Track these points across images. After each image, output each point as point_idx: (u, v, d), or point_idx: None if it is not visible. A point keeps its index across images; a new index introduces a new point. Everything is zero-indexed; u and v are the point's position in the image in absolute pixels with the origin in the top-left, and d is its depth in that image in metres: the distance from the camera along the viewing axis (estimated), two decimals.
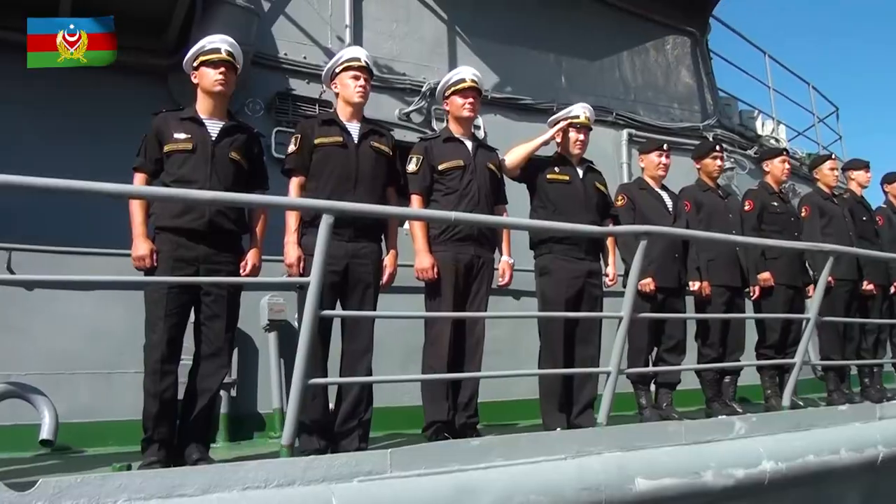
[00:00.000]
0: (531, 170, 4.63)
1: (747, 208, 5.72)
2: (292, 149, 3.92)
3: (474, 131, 4.77)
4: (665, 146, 5.26)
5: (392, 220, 4.03)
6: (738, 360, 5.41)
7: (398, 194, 4.17)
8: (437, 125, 6.53)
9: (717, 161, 5.58)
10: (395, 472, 3.14)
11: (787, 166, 5.97)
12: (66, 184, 2.68)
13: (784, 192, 6.09)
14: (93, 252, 4.76)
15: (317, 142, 3.87)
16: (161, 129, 3.61)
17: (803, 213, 6.11)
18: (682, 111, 8.58)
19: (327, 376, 3.78)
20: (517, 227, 4.43)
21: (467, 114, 4.34)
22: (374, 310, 3.90)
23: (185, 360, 3.65)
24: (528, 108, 7.16)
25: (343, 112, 4.02)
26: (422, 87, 6.59)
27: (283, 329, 5.11)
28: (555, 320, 4.45)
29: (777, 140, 9.48)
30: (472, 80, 4.35)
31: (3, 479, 2.50)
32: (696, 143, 7.89)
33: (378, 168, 3.97)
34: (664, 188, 5.27)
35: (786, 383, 5.79)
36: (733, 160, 8.38)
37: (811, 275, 5.83)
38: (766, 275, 5.53)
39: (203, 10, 5.42)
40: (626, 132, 7.81)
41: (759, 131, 9.50)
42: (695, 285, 5.15)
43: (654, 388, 5.17)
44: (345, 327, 3.83)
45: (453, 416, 4.07)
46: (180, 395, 3.53)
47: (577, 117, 4.73)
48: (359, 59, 4.05)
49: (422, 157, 4.22)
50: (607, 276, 4.75)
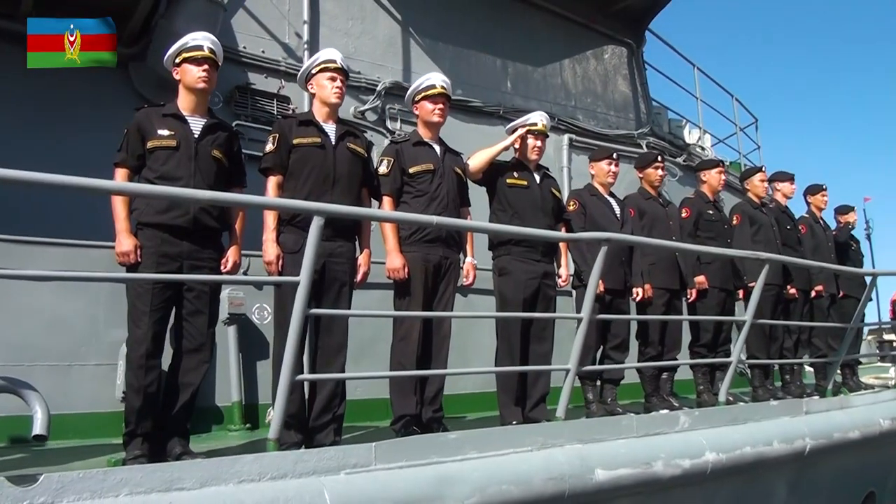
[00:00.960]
0: (491, 174, 4.81)
1: (684, 215, 6.08)
2: (270, 148, 3.96)
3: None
4: (614, 155, 5.54)
5: (366, 220, 4.15)
6: (676, 358, 5.77)
7: (370, 195, 4.30)
8: (390, 124, 6.68)
9: (659, 171, 5.91)
10: (380, 464, 3.28)
11: (722, 177, 6.37)
12: (54, 178, 2.70)
13: (718, 201, 6.50)
14: (57, 242, 4.70)
15: (295, 142, 3.94)
16: (143, 124, 3.61)
17: (735, 221, 6.52)
18: (617, 118, 8.97)
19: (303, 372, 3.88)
20: (497, 231, 4.57)
21: (437, 119, 4.48)
22: (349, 307, 4.02)
23: None
24: (476, 111, 7.37)
25: (319, 113, 4.10)
26: (377, 86, 6.71)
27: (241, 322, 5.16)
28: (513, 319, 4.68)
29: (703, 148, 10.02)
30: (442, 87, 4.49)
31: None
32: (630, 149, 8.31)
33: (354, 169, 4.07)
34: (612, 195, 5.55)
35: (717, 379, 6.28)
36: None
37: (743, 279, 6.28)
38: (701, 278, 5.91)
39: (168, 2, 5.37)
40: (566, 137, 8.11)
41: (687, 140, 10.00)
42: (638, 291, 5.46)
43: (598, 383, 5.48)
44: (320, 324, 3.94)
45: (420, 409, 4.24)
46: None
47: (535, 125, 4.93)
48: (335, 61, 4.14)
49: (392, 159, 4.34)
50: (560, 277, 5.01)
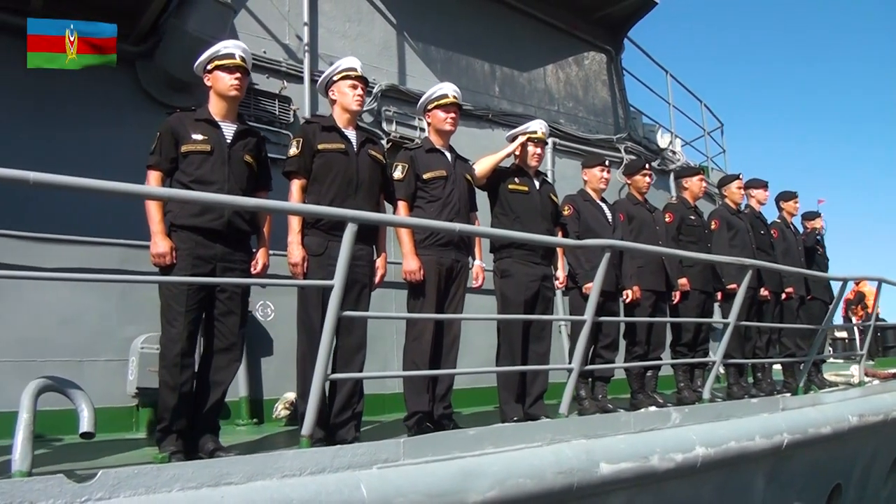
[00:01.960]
0: (494, 180, 5.00)
1: (668, 220, 6.34)
2: (294, 151, 4.07)
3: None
4: (606, 162, 5.77)
5: (395, 227, 4.30)
6: (660, 357, 6.05)
7: (385, 199, 4.44)
8: (386, 126, 6.80)
9: (647, 178, 6.16)
10: (407, 459, 3.44)
11: (703, 184, 6.66)
12: (93, 183, 2.81)
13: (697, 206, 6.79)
14: (69, 240, 4.75)
15: (320, 147, 4.06)
16: (177, 129, 3.70)
17: (713, 226, 6.81)
18: (597, 123, 9.21)
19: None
20: (516, 239, 4.66)
21: (448, 127, 4.65)
22: (368, 308, 4.17)
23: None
24: (466, 114, 7.53)
25: (340, 119, 4.23)
26: (373, 88, 6.82)
27: (249, 320, 5.25)
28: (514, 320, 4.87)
29: (674, 152, 10.35)
30: (454, 97, 4.66)
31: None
32: (610, 154, 8.57)
33: (374, 174, 4.21)
34: (603, 200, 5.79)
35: (695, 377, 6.59)
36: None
37: (721, 281, 6.59)
38: (683, 280, 6.18)
39: (178, 3, 5.43)
40: (550, 141, 8.33)
41: (659, 143, 10.31)
42: (627, 293, 5.69)
43: (590, 380, 5.72)
44: (340, 324, 4.07)
45: (432, 406, 4.41)
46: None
47: (535, 133, 5.13)
48: (355, 69, 4.28)
49: (407, 165, 4.48)
50: (557, 279, 5.21)
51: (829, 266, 8.61)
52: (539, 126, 5.15)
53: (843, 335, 14.54)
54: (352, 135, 4.20)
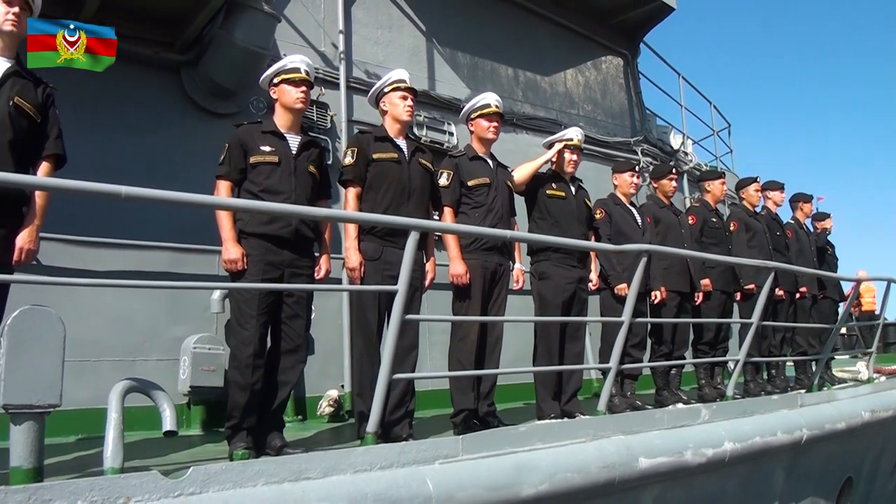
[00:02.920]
0: (532, 185, 5.15)
1: (691, 222, 6.50)
2: (349, 161, 4.20)
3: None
4: (637, 167, 5.93)
5: (443, 233, 4.45)
6: (684, 356, 6.22)
7: (433, 206, 4.59)
8: (417, 130, 6.94)
9: (673, 182, 6.32)
10: (466, 455, 3.60)
11: (725, 187, 6.83)
12: (181, 196, 2.95)
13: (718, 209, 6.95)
14: (122, 244, 4.89)
15: (374, 156, 4.20)
16: (245, 140, 3.84)
17: (732, 228, 6.98)
18: (614, 126, 9.38)
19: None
20: (567, 245, 4.87)
21: (491, 136, 4.80)
22: (420, 310, 4.32)
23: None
24: None
25: (391, 129, 4.36)
26: None
27: None
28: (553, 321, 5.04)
29: (686, 153, 10.53)
30: (496, 106, 4.81)
31: None
32: (627, 156, 8.73)
33: (425, 182, 4.35)
34: (633, 204, 5.95)
35: (715, 374, 6.76)
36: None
37: (740, 282, 6.76)
38: (706, 281, 6.35)
39: (225, 14, 5.57)
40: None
41: (673, 145, 10.48)
42: (655, 294, 5.86)
43: (619, 378, 5.88)
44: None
45: (477, 404, 4.57)
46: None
47: (572, 140, 5.29)
48: (405, 81, 4.43)
49: (452, 172, 4.63)
50: (591, 281, 5.38)
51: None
52: (575, 133, 5.30)
53: (843, 331, 14.74)
54: (403, 144, 4.34)
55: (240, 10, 5.46)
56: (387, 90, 4.43)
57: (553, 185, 5.19)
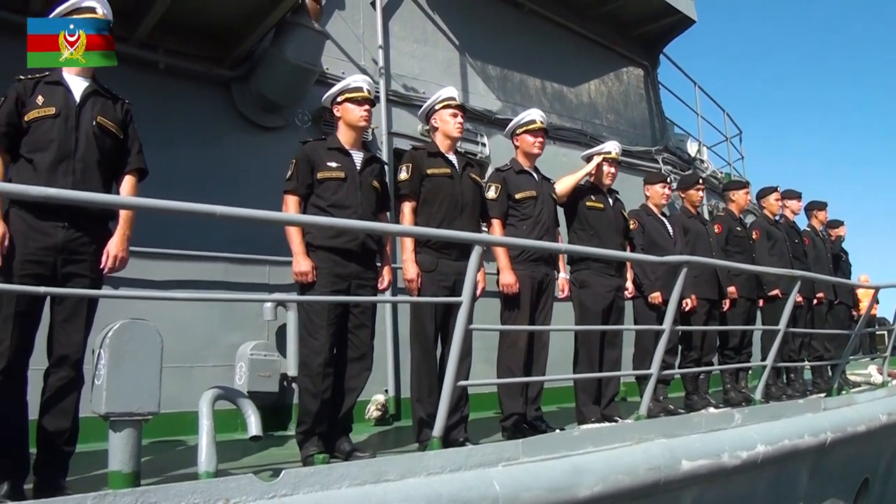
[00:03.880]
0: (573, 197, 5.31)
1: (717, 231, 6.67)
2: (404, 176, 4.33)
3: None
4: (668, 179, 6.09)
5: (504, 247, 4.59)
6: (712, 361, 6.38)
7: (481, 218, 4.73)
8: None
9: (700, 192, 6.49)
10: (526, 458, 3.75)
11: (748, 197, 6.99)
12: (269, 215, 3.10)
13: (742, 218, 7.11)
14: (179, 255, 5.03)
15: (428, 172, 4.34)
16: (312, 157, 3.97)
17: (754, 236, 7.14)
18: (636, 135, 9.53)
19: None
20: (622, 258, 5.16)
21: (536, 151, 4.95)
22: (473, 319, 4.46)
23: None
24: None
25: (442, 145, 4.50)
26: None
27: None
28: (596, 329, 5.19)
29: (702, 161, 10.69)
30: (541, 122, 4.96)
31: None
32: (648, 164, 8.88)
33: (476, 196, 4.50)
34: (664, 214, 6.10)
35: (739, 378, 6.92)
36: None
37: (763, 289, 6.92)
38: (731, 288, 6.51)
39: (276, 31, 5.72)
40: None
41: (689, 153, 10.64)
42: (687, 301, 6.01)
43: None
44: (446, 333, 4.35)
45: (525, 408, 4.72)
46: None
47: (610, 153, 5.45)
48: (455, 98, 4.57)
49: (500, 185, 4.78)
50: (627, 289, 5.52)
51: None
52: (613, 147, 5.45)
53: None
54: (454, 159, 4.48)
55: (290, 29, 5.61)
56: (437, 107, 4.56)
57: (592, 197, 5.33)
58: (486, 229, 4.85)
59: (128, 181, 3.48)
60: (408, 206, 4.35)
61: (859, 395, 7.24)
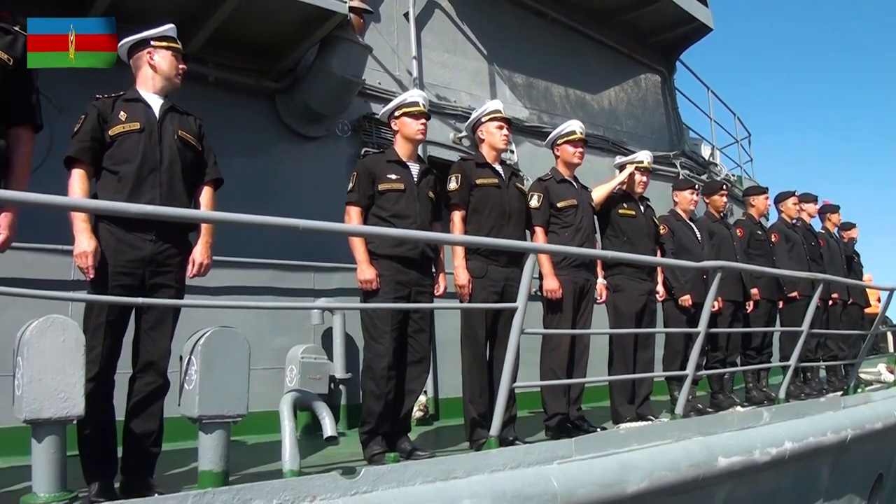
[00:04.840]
0: (606, 205, 5.49)
1: (739, 235, 6.86)
2: (454, 186, 4.49)
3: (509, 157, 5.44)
4: (696, 185, 6.28)
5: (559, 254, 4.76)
6: (736, 361, 6.58)
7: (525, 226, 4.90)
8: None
9: (724, 198, 6.67)
10: (578, 455, 3.93)
11: (768, 202, 7.18)
12: (346, 228, 3.30)
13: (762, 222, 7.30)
14: (230, 262, 5.17)
15: (477, 182, 4.51)
16: (373, 169, 4.13)
17: (773, 239, 7.32)
18: (654, 140, 9.71)
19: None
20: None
21: (577, 161, 5.11)
22: None
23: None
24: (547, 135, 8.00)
25: (488, 156, 4.67)
26: (470, 114, 7.26)
27: None
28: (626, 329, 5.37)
29: (716, 164, 10.88)
30: (581, 133, 5.13)
31: None
32: (667, 169, 9.07)
33: (521, 205, 4.67)
34: (692, 220, 6.28)
35: (761, 377, 7.11)
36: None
37: (783, 290, 7.11)
38: (754, 290, 6.70)
39: (322, 44, 5.90)
40: (618, 158, 8.81)
41: (705, 157, 10.83)
42: (714, 305, 6.17)
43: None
44: (496, 337, 4.53)
45: (568, 408, 4.90)
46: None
47: (642, 162, 5.62)
48: (501, 111, 4.75)
49: (542, 194, 4.95)
50: (658, 293, 5.70)
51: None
52: (646, 156, 5.63)
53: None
54: (500, 170, 4.66)
55: (336, 43, 5.77)
56: (484, 119, 4.73)
57: (624, 205, 5.50)
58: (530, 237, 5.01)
59: (206, 192, 3.63)
60: (458, 215, 4.51)
61: (874, 393, 7.42)
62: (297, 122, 6.17)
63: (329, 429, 3.61)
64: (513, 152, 7.50)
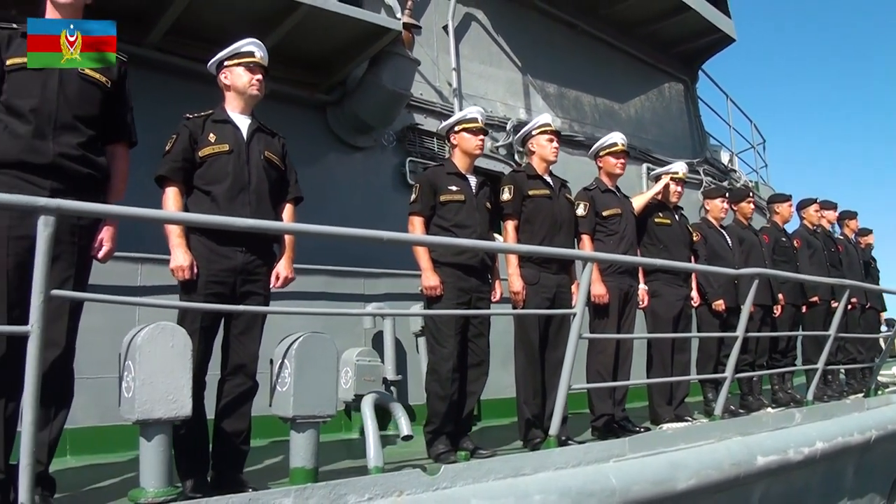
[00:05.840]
0: (643, 214, 5.70)
1: (765, 241, 7.07)
2: (507, 197, 4.66)
3: None
4: (727, 194, 6.49)
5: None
6: (764, 364, 6.79)
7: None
8: (518, 157, 7.48)
9: (751, 205, 6.88)
10: (631, 454, 4.14)
11: (791, 209, 7.40)
12: (425, 238, 3.50)
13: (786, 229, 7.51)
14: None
15: (530, 193, 4.70)
16: (434, 181, 4.33)
17: (796, 244, 7.54)
18: (678, 147, 9.93)
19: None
20: (703, 271, 5.68)
21: (619, 171, 5.32)
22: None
23: None
24: (580, 144, 8.22)
25: (539, 167, 4.86)
26: (506, 124, 7.50)
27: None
28: (664, 334, 5.59)
29: (735, 170, 11.10)
30: (622, 145, 5.34)
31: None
32: (690, 176, 9.26)
33: (571, 215, 4.87)
34: (722, 227, 6.50)
35: (785, 379, 7.32)
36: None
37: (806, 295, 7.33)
38: (780, 295, 6.92)
39: (371, 61, 6.12)
40: (644, 166, 9.04)
41: (725, 163, 11.05)
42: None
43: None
44: (548, 341, 4.74)
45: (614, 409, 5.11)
46: None
47: (677, 173, 5.83)
48: (550, 124, 4.95)
49: (589, 203, 5.15)
50: (692, 298, 5.91)
51: None
52: (681, 167, 5.83)
53: None
54: (550, 181, 4.87)
55: (387, 57, 6.00)
56: (534, 132, 4.92)
57: (660, 214, 5.70)
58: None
59: (288, 209, 3.80)
60: (511, 225, 4.70)
61: (895, 395, 7.65)
62: (346, 133, 6.38)
63: (405, 428, 3.83)
64: None
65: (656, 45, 9.85)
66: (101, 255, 3.17)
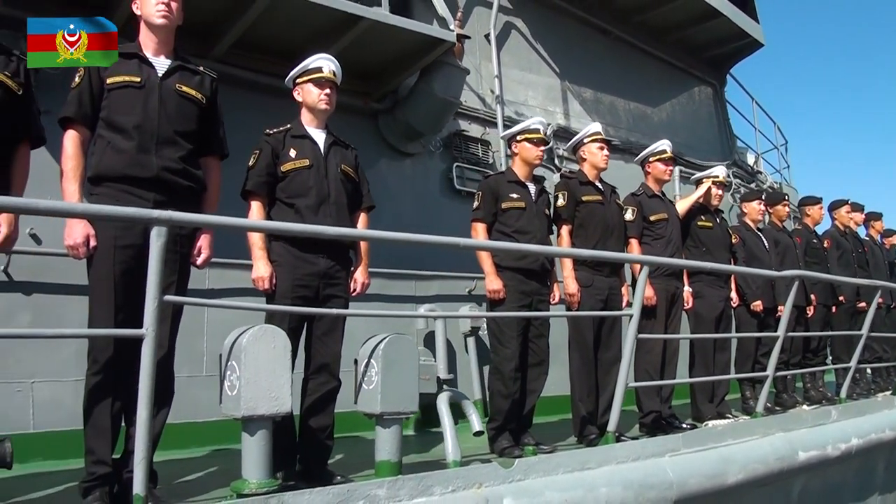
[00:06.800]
0: (686, 218, 5.89)
1: (798, 242, 7.25)
2: (562, 203, 4.85)
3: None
4: (763, 196, 6.67)
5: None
6: (799, 362, 6.97)
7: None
8: (558, 162, 7.68)
9: (786, 208, 7.06)
10: (685, 449, 4.35)
11: (822, 211, 7.57)
12: (492, 244, 3.71)
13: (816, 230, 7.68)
14: None
15: (584, 199, 4.90)
16: (496, 189, 4.52)
17: (826, 245, 7.70)
18: (708, 150, 10.11)
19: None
20: (740, 272, 5.83)
21: (667, 178, 5.51)
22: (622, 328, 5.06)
23: None
24: (615, 148, 8.38)
25: (590, 174, 5.05)
26: (546, 129, 7.67)
27: (476, 335, 6.17)
28: (707, 334, 5.78)
29: (760, 172, 11.26)
30: (671, 151, 5.53)
31: None
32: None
33: (621, 220, 5.06)
34: (759, 229, 6.68)
35: (817, 377, 7.49)
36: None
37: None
38: (812, 296, 7.09)
39: (423, 69, 6.32)
40: (677, 169, 9.20)
41: (753, 166, 11.21)
42: (781, 308, 6.56)
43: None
44: (600, 341, 4.93)
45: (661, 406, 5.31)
46: None
47: (718, 177, 6.01)
48: (601, 133, 5.14)
49: (636, 208, 5.34)
50: (732, 300, 6.10)
51: None
52: (721, 171, 6.00)
53: None
54: (601, 187, 5.06)
55: (438, 67, 6.21)
56: (586, 141, 5.10)
57: (702, 217, 5.87)
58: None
59: (363, 218, 4.02)
60: (566, 230, 4.90)
61: None
62: (397, 140, 6.59)
63: (476, 424, 4.04)
64: None
65: (687, 51, 10.03)
66: (199, 261, 3.35)
